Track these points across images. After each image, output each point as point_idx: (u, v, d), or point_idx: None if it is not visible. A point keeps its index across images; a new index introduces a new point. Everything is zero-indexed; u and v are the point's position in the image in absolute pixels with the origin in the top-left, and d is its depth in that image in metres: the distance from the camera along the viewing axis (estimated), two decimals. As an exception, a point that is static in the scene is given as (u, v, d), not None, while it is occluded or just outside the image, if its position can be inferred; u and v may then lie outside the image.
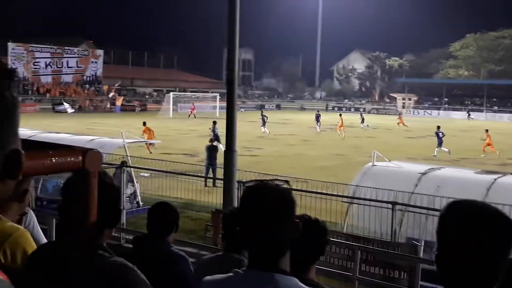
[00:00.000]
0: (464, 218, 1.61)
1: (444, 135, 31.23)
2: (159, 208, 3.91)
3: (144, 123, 29.82)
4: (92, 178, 1.99)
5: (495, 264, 1.59)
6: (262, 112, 49.25)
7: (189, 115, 59.98)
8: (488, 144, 30.34)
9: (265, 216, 1.85)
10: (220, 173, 13.92)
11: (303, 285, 1.86)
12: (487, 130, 31.40)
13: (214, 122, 27.82)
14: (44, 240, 3.32)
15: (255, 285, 1.84)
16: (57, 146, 1.88)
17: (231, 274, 1.91)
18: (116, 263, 2.00)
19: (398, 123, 51.15)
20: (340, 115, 44.34)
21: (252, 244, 1.91)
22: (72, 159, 1.88)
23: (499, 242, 1.59)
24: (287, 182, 2.52)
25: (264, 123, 43.12)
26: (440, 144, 30.82)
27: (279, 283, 1.82)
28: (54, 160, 1.83)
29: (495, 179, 10.78)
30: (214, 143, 20.51)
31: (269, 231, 1.85)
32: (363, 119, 50.65)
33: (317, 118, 47.09)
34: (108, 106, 68.21)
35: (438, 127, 31.47)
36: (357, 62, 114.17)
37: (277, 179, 2.52)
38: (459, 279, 1.61)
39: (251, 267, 1.89)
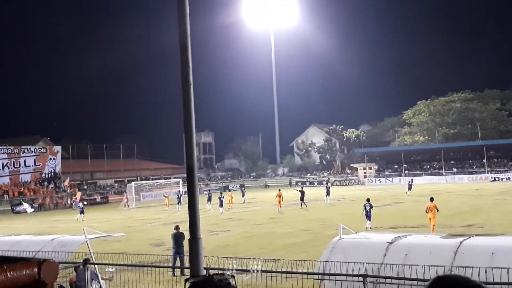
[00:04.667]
0: None
1: (370, 209, 28.83)
2: None
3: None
4: (49, 289, 1.95)
5: None
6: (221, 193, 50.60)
7: (125, 205, 58.29)
8: (430, 219, 25.66)
9: None
10: (187, 261, 13.64)
11: None
12: (431, 199, 26.75)
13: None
14: None
15: None
16: (9, 259, 1.84)
17: None
18: None
19: None
20: (279, 190, 46.87)
21: None
22: (28, 271, 1.84)
23: None
24: (233, 277, 2.51)
25: (221, 203, 44.29)
26: (367, 217, 28.64)
27: None
28: (9, 275, 1.79)
29: (461, 242, 10.86)
30: (180, 230, 20.01)
31: None
32: (328, 192, 50.63)
33: (209, 198, 49.30)
34: (69, 202, 66.99)
35: (368, 200, 29.47)
36: (315, 136, 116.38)
37: (223, 273, 2.48)
38: None
39: None
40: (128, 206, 58.08)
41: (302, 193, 45.38)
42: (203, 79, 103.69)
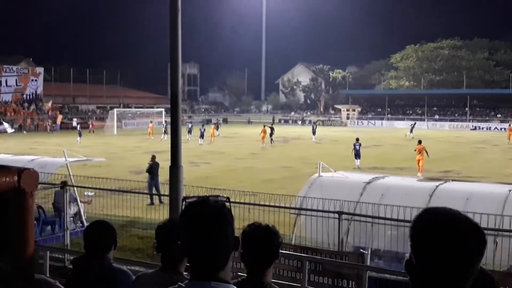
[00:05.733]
0: (437, 226, 1.62)
1: (359, 148, 30.61)
2: (95, 226, 3.85)
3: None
4: (28, 198, 1.93)
5: (466, 271, 1.61)
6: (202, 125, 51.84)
7: (90, 131, 58.32)
8: (419, 160, 27.57)
9: (204, 231, 1.91)
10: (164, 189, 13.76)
11: None
12: (420, 142, 28.86)
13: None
14: None
15: None
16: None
17: (175, 286, 1.96)
18: (40, 281, 2.04)
19: None
20: (264, 126, 47.62)
21: (192, 258, 1.96)
22: (7, 179, 1.82)
23: (470, 250, 1.61)
24: (228, 199, 2.60)
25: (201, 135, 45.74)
26: (357, 155, 30.47)
27: None
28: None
29: (437, 186, 11.07)
30: (156, 161, 20.12)
31: (208, 246, 1.91)
32: (314, 132, 51.47)
33: (190, 130, 50.93)
34: (49, 124, 66.59)
35: (357, 139, 31.04)
36: (302, 75, 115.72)
37: (219, 196, 2.57)
38: (429, 285, 1.62)
39: (192, 279, 1.96)
40: (93, 131, 57.86)
41: (272, 129, 46.95)
42: (192, 9, 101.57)
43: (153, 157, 20.25)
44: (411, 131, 57.17)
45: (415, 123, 65.44)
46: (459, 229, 1.62)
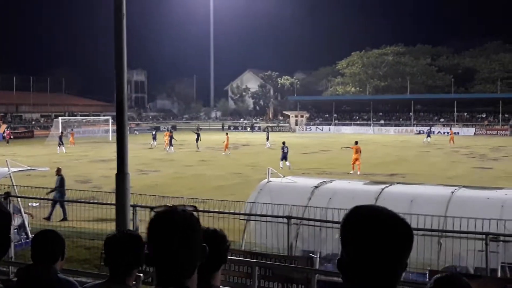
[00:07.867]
0: (365, 222, 1.68)
1: (287, 151, 32.76)
2: (43, 235, 3.74)
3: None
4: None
5: (394, 265, 1.67)
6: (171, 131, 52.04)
7: (7, 141, 57.01)
8: (356, 159, 30.60)
9: (172, 241, 1.91)
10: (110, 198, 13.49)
11: None
12: (356, 142, 31.51)
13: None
14: None
15: None
16: None
17: None
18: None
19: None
20: (227, 133, 48.02)
21: (160, 268, 1.95)
22: None
23: (397, 243, 1.67)
24: (195, 207, 2.61)
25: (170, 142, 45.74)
26: (284, 158, 32.56)
27: None
28: None
29: (382, 189, 11.32)
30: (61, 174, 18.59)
31: (176, 256, 1.92)
32: (267, 138, 51.89)
33: (154, 137, 51.44)
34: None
35: (284, 143, 32.95)
36: (250, 82, 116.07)
37: (185, 205, 2.59)
38: (360, 282, 1.66)
39: (158, 285, 1.96)
40: (8, 141, 56.19)
41: (198, 135, 48.57)
42: (138, 15, 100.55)
43: (58, 170, 18.76)
44: (429, 135, 58.96)
45: (430, 127, 68.49)
46: (385, 223, 1.68)
